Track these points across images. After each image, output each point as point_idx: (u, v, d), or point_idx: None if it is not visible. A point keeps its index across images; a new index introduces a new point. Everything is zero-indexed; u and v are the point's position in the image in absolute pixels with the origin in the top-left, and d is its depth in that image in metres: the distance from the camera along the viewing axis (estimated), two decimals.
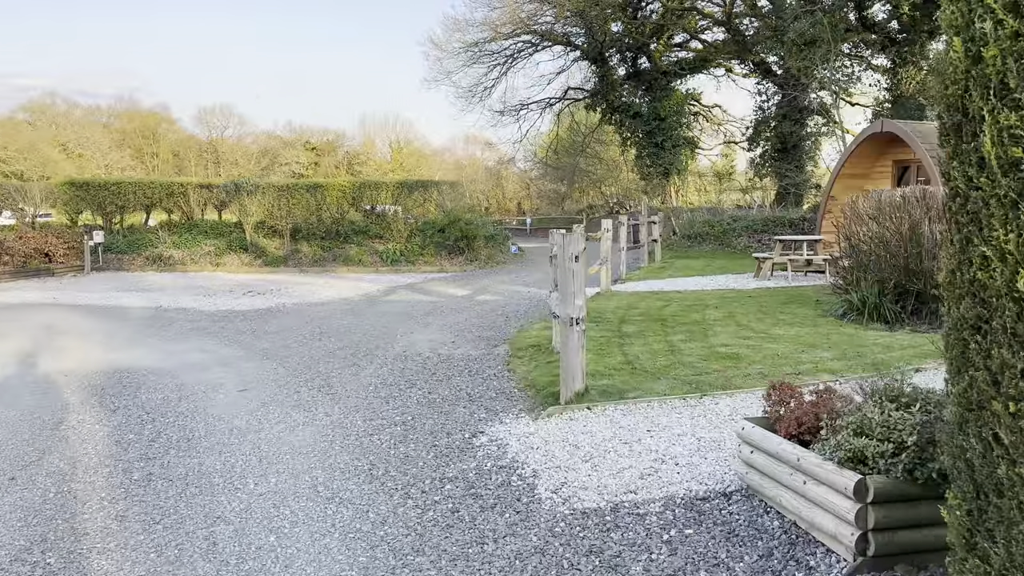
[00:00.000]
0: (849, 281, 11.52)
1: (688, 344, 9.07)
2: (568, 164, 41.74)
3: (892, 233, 10.76)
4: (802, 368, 7.65)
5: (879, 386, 4.05)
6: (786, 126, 31.17)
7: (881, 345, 8.80)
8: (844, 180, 18.19)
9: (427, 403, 7.09)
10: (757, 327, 10.28)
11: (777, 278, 15.95)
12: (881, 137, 17.46)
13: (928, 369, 7.65)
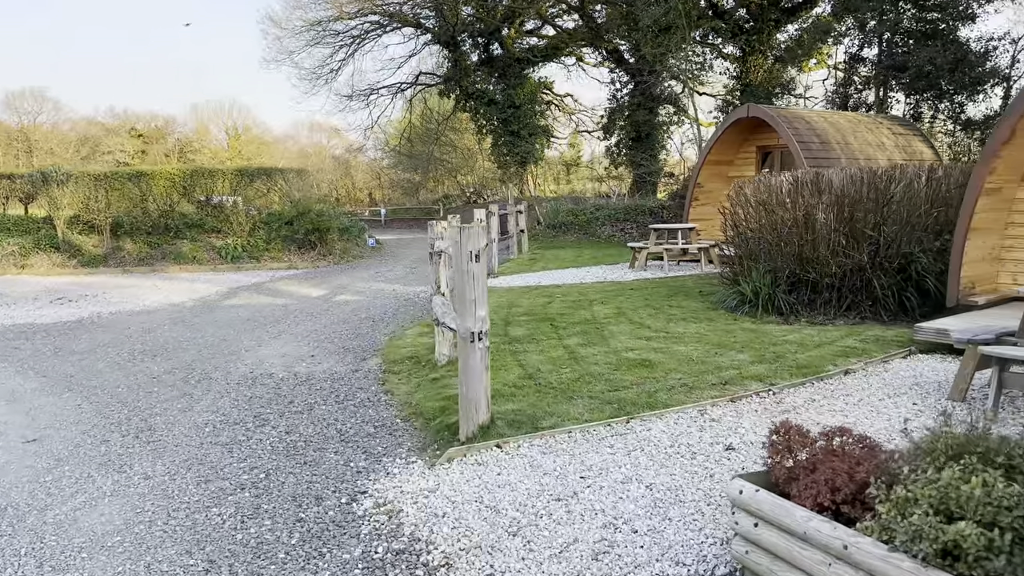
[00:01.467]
0: (739, 271, 10.84)
1: (589, 349, 7.92)
2: (422, 153, 40.10)
3: (784, 220, 10.13)
4: (726, 376, 6.67)
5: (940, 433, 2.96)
6: (640, 115, 31.08)
7: (793, 343, 8.03)
8: (709, 167, 17.85)
9: (285, 449, 5.49)
10: (653, 324, 9.32)
11: (652, 268, 15.27)
12: (745, 122, 17.21)
13: (857, 371, 6.89)
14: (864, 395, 6.11)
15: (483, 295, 5.20)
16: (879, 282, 9.65)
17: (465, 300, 5.17)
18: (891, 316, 9.53)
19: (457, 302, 5.24)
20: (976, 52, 20.53)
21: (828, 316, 9.72)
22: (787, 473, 3.17)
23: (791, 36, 27.58)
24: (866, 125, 18.02)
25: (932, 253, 9.78)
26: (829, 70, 28.68)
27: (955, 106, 22.04)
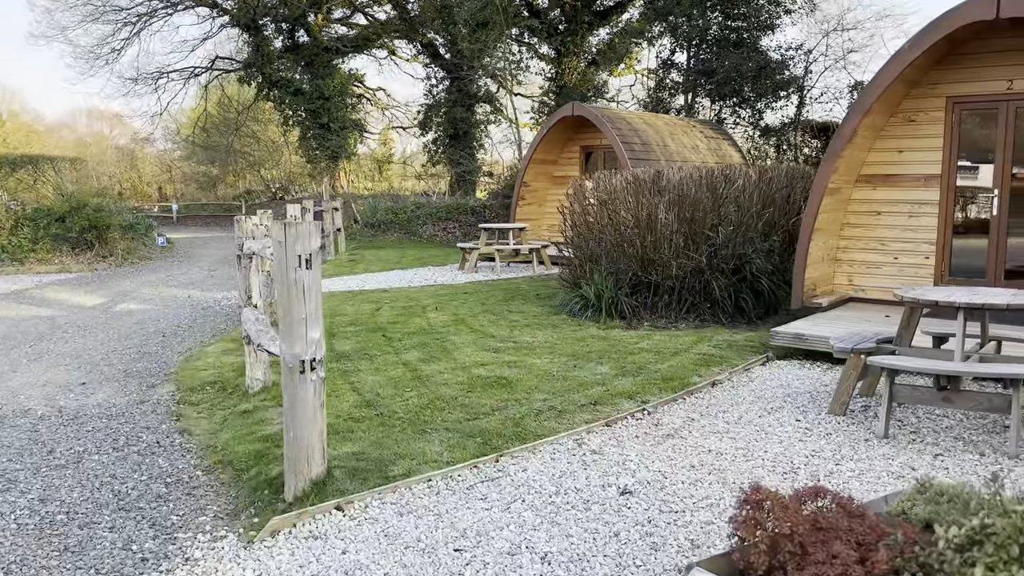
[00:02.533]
0: (580, 274, 10.26)
1: (433, 366, 6.89)
2: (220, 144, 36.97)
3: (626, 221, 9.65)
4: (594, 394, 5.90)
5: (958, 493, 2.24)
6: (458, 112, 30.40)
7: (648, 351, 7.46)
8: (535, 166, 17.38)
9: (38, 527, 4.00)
10: (497, 333, 8.46)
11: (483, 269, 14.47)
12: (570, 122, 16.89)
13: (723, 381, 6.37)
14: (741, 411, 5.56)
15: (317, 312, 4.02)
16: (717, 284, 9.41)
17: (292, 318, 3.97)
18: (729, 318, 9.32)
19: (282, 321, 4.02)
20: (775, 61, 21.67)
21: (670, 319, 9.35)
22: (766, 560, 2.33)
23: (603, 40, 28.05)
24: (681, 128, 18.34)
25: (763, 254, 9.72)
26: (637, 76, 29.50)
27: (755, 112, 23.20)
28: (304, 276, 3.98)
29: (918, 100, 8.37)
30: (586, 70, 27.76)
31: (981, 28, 7.50)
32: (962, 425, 5.13)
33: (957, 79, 8.14)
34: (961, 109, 8.15)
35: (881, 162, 8.64)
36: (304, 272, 3.98)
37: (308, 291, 3.99)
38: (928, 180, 8.38)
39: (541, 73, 29.07)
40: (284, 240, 3.95)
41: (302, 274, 3.97)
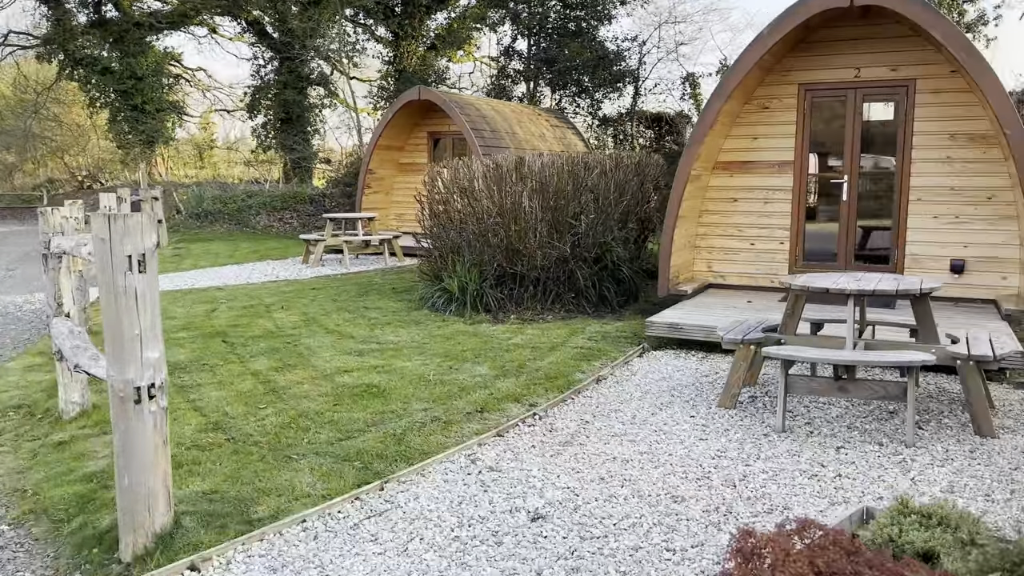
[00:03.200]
0: (442, 266, 9.70)
1: (289, 375, 6.11)
2: (16, 128, 32.99)
3: (489, 209, 9.20)
4: (477, 399, 5.39)
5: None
6: (289, 94, 28.73)
7: (524, 347, 7.06)
8: (381, 152, 16.59)
9: None
10: (356, 332, 7.76)
11: (330, 263, 13.55)
12: (416, 106, 16.24)
13: (607, 377, 6.07)
14: (632, 409, 5.25)
15: (155, 325, 3.23)
16: (581, 273, 9.19)
17: (123, 335, 3.16)
18: (593, 308, 9.13)
19: (110, 338, 3.20)
20: (612, 52, 22.01)
21: (536, 311, 9.02)
22: None
23: (441, 24, 27.44)
24: (528, 116, 18.17)
25: (621, 243, 9.64)
26: (476, 63, 29.20)
27: (594, 102, 23.51)
28: (137, 282, 3.18)
29: (772, 87, 8.48)
30: (426, 55, 27.05)
31: (835, 15, 7.65)
32: (850, 414, 5.08)
33: (809, 66, 8.30)
34: (812, 96, 8.33)
35: (737, 149, 8.71)
36: (137, 277, 3.18)
37: (143, 300, 3.20)
38: (782, 167, 8.53)
39: (379, 56, 28.08)
40: (109, 237, 3.12)
41: (134, 279, 3.17)
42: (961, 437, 4.56)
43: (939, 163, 7.83)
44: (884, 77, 7.99)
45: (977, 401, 4.53)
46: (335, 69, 30.04)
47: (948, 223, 7.85)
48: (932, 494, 3.73)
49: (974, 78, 6.74)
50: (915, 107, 7.87)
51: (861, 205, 8.28)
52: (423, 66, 26.79)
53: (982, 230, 7.71)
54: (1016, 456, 4.25)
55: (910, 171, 7.96)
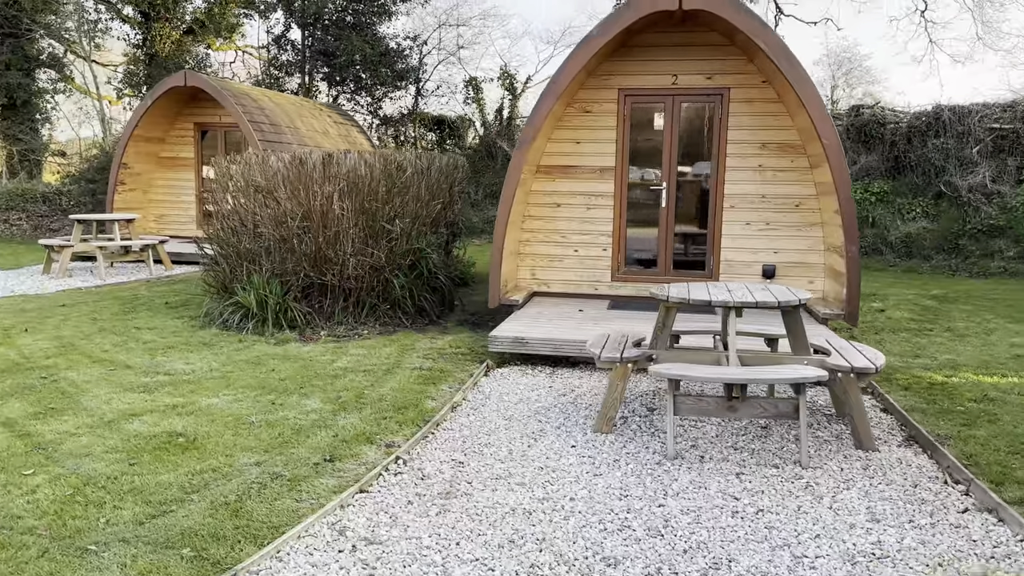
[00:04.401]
0: (233, 276, 8.43)
1: (56, 424, 4.74)
2: None
3: (292, 212, 8.13)
4: (320, 443, 4.48)
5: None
6: (13, 77, 24.69)
7: (355, 371, 6.19)
8: (137, 144, 14.52)
9: None
10: (135, 362, 6.40)
11: (81, 273, 11.48)
12: (181, 94, 14.41)
13: (460, 404, 5.42)
14: (504, 442, 4.63)
15: None
16: (397, 282, 8.45)
17: None
18: (411, 320, 8.43)
19: None
20: (394, 49, 21.26)
21: (349, 326, 8.13)
22: None
23: (199, 7, 25.01)
24: (309, 110, 16.92)
25: (435, 248, 9.06)
26: (238, 52, 27.04)
27: (375, 101, 22.61)
28: None
29: (593, 91, 8.27)
30: (182, 39, 24.50)
31: (657, 19, 7.57)
32: (727, 432, 4.85)
33: (628, 71, 8.19)
34: (632, 101, 8.24)
35: (560, 152, 8.41)
36: None
37: None
38: (603, 172, 8.36)
39: (125, 39, 25.00)
40: None
41: None
42: (846, 452, 4.46)
43: (751, 171, 8.05)
44: (700, 85, 8.07)
45: (859, 415, 4.46)
46: (68, 50, 26.36)
47: (759, 230, 8.10)
48: (883, 541, 3.50)
49: (794, 87, 6.92)
50: (729, 115, 8.03)
51: (679, 212, 8.32)
52: (178, 51, 24.26)
53: (790, 236, 8.04)
54: (905, 469, 4.20)
55: (724, 179, 8.11)
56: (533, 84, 22.53)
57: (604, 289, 8.44)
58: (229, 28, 24.12)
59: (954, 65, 36.51)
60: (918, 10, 19.94)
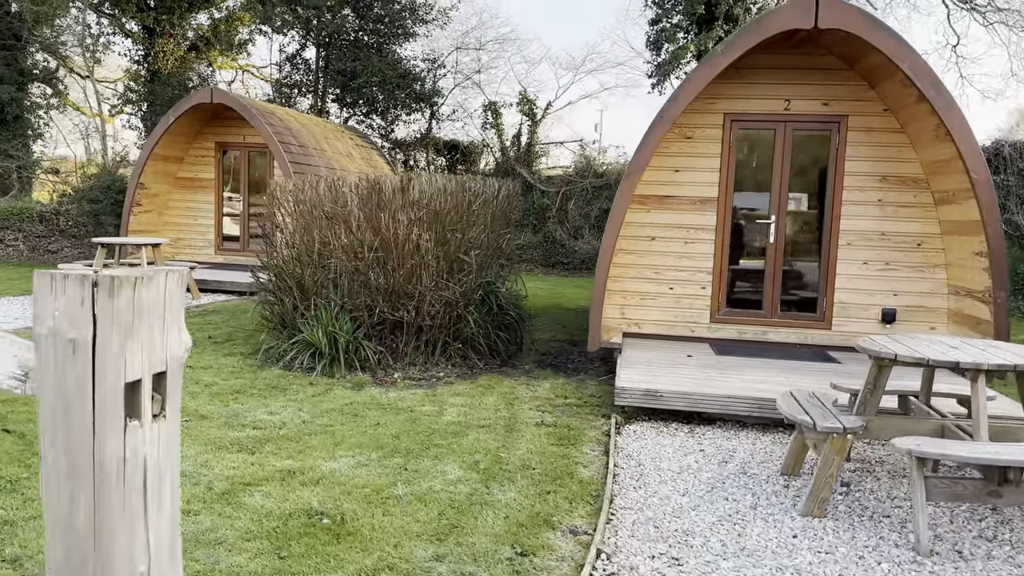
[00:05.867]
0: (295, 310, 7.61)
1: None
2: None
3: (368, 241, 7.36)
4: (497, 528, 3.68)
5: None
6: (5, 91, 23.68)
7: (469, 426, 5.40)
8: (156, 163, 13.65)
9: None
10: (209, 410, 5.56)
11: None
12: (203, 112, 13.60)
13: (620, 474, 4.65)
14: (704, 529, 3.87)
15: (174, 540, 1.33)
16: (471, 318, 7.72)
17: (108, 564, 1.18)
18: (484, 360, 7.70)
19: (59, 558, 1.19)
20: (413, 72, 20.64)
21: (422, 367, 7.36)
22: None
23: (203, 24, 24.24)
24: (332, 132, 16.18)
25: (503, 281, 8.42)
26: (238, 71, 26.30)
27: (388, 124, 21.94)
28: (146, 442, 1.23)
29: (696, 115, 7.63)
30: (186, 56, 23.70)
31: (774, 40, 6.96)
32: (962, 517, 4.13)
33: (736, 94, 7.57)
34: (739, 127, 7.61)
35: (656, 181, 7.74)
36: (148, 431, 1.22)
37: (156, 485, 1.25)
38: (704, 203, 7.69)
39: (127, 54, 24.14)
40: (87, 336, 1.16)
41: (141, 442, 1.22)
42: None
43: (870, 206, 7.44)
44: (814, 111, 7.47)
45: None
46: (61, 65, 25.47)
47: (878, 270, 7.46)
48: None
49: (941, 116, 6.32)
50: (847, 145, 7.42)
51: (788, 248, 7.67)
52: (181, 68, 23.47)
53: (911, 278, 7.41)
54: None
55: (840, 213, 7.49)
56: (553, 110, 22.01)
57: (702, 331, 7.74)
58: (238, 45, 23.35)
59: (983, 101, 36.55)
60: (949, 44, 19.75)
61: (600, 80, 47.72)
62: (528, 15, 39.55)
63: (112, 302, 1.19)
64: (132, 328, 1.21)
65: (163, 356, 1.28)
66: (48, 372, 1.20)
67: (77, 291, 1.18)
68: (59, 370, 1.19)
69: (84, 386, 1.19)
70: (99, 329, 1.19)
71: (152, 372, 1.26)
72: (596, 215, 18.98)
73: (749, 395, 5.49)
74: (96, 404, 1.19)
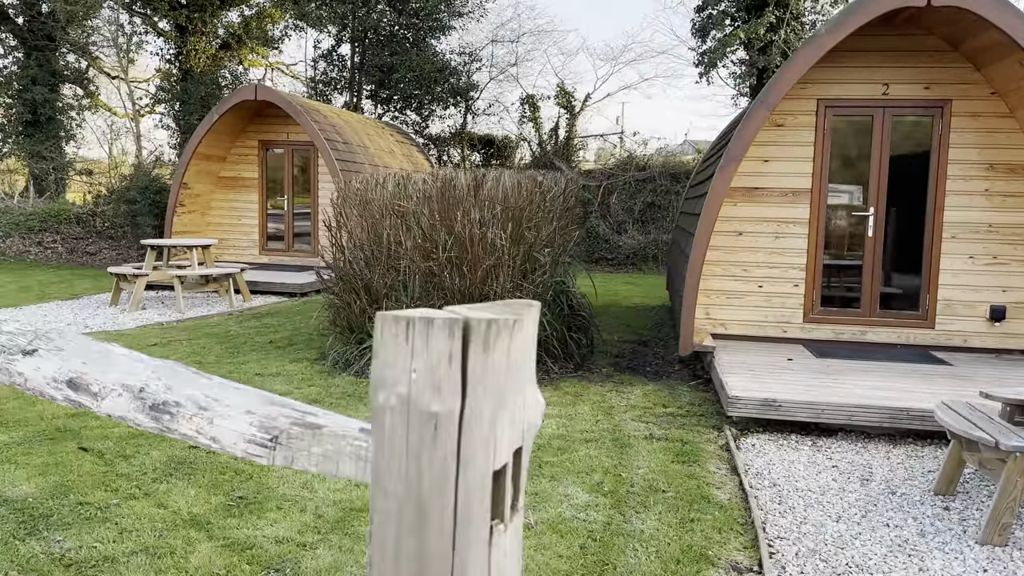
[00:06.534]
0: (365, 314, 7.25)
1: (264, 524, 3.53)
2: None
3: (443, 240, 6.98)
4: (658, 569, 3.27)
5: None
6: (39, 92, 23.58)
7: (574, 440, 5.00)
8: (198, 163, 13.36)
9: None
10: None
11: (152, 304, 10.27)
12: (246, 109, 13.30)
13: (760, 496, 4.22)
14: (880, 564, 3.44)
15: None
16: (546, 319, 7.34)
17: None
18: (558, 364, 7.31)
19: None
20: (451, 66, 20.25)
21: None
22: None
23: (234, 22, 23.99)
24: (373, 128, 15.83)
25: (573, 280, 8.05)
26: (268, 69, 26.08)
27: (423, 119, 21.58)
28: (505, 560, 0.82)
29: (787, 101, 7.16)
30: (217, 54, 23.48)
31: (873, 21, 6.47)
32: None
33: (830, 78, 7.09)
34: (833, 114, 7.13)
35: (744, 172, 7.29)
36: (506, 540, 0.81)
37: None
38: (796, 195, 7.23)
39: (159, 53, 23.95)
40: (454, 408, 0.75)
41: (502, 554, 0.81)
42: None
43: (976, 196, 6.94)
44: (915, 96, 6.97)
45: None
46: (91, 66, 25.39)
47: (985, 264, 6.96)
48: None
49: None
50: (950, 131, 6.93)
51: (887, 242, 7.19)
52: (214, 66, 23.25)
53: (1021, 273, 6.91)
54: None
55: (943, 205, 6.99)
56: (592, 102, 21.54)
57: (794, 332, 7.28)
58: (271, 41, 23.07)
59: None
60: None
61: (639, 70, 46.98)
62: (565, 5, 39.00)
63: (487, 357, 0.80)
64: (503, 392, 0.81)
65: (522, 427, 0.88)
66: (396, 458, 0.80)
67: (443, 343, 0.78)
68: (412, 456, 0.79)
69: (445, 478, 0.80)
70: (468, 397, 0.80)
71: (512, 450, 0.86)
72: (640, 209, 18.52)
73: (879, 404, 5.04)
74: (458, 503, 0.79)
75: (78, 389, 1.43)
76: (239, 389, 1.25)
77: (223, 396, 1.23)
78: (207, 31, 23.13)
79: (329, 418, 1.14)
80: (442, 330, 0.79)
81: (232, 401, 1.22)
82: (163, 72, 23.73)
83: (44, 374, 1.50)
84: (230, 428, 1.19)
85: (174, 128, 22.91)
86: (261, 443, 1.15)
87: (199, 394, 1.25)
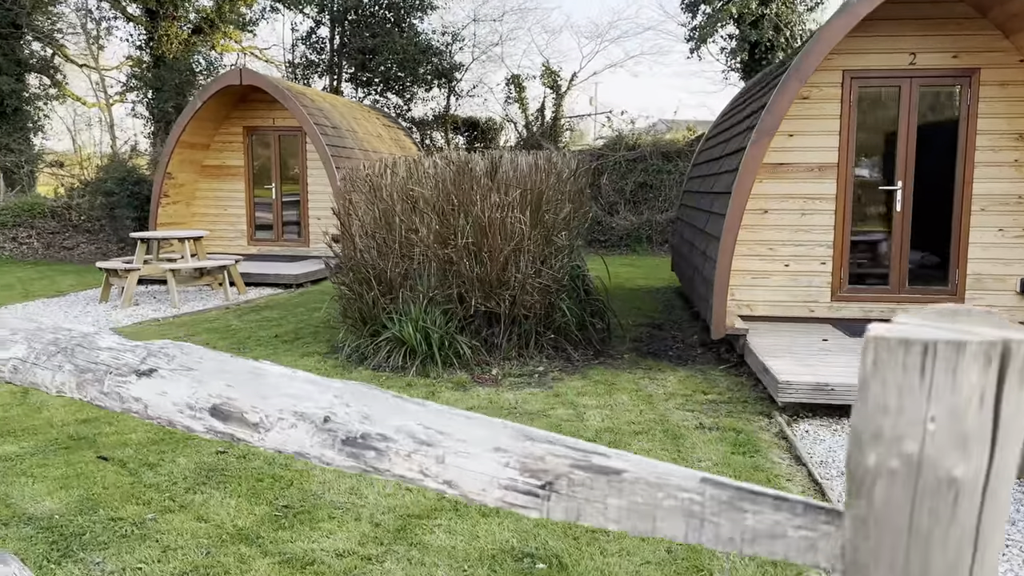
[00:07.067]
0: (375, 305, 6.94)
1: (319, 536, 3.26)
2: None
3: (460, 227, 6.68)
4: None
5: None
6: (5, 82, 22.76)
7: (618, 432, 4.77)
8: (182, 151, 12.89)
9: None
10: None
11: (144, 300, 9.86)
12: (231, 94, 12.84)
13: (836, 493, 4.03)
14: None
15: None
16: (564, 305, 7.11)
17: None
18: (579, 351, 7.09)
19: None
20: (435, 47, 19.82)
21: (520, 361, 6.73)
22: None
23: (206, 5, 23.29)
24: (360, 113, 15.41)
25: (585, 263, 7.84)
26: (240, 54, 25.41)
27: (405, 102, 21.15)
28: None
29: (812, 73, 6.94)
30: (190, 39, 22.79)
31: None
32: None
33: (855, 48, 6.88)
34: (859, 85, 6.92)
35: (769, 148, 7.05)
36: None
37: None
38: (822, 170, 7.03)
39: (128, 39, 23.23)
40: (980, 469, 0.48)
41: None
42: None
43: (1006, 167, 6.78)
44: (943, 65, 6.78)
45: None
46: (57, 53, 24.56)
47: (1015, 237, 6.82)
48: None
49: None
50: (979, 101, 6.75)
51: (915, 216, 7.01)
52: (186, 52, 22.57)
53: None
54: None
55: (972, 177, 6.83)
56: (579, 81, 21.24)
57: (822, 311, 7.11)
58: (247, 24, 22.43)
59: None
60: None
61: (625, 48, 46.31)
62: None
63: (1021, 394, 0.53)
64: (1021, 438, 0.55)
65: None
66: (886, 541, 0.54)
67: (976, 377, 0.52)
68: (917, 539, 0.53)
69: (956, 569, 0.54)
70: (997, 452, 0.53)
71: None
72: (631, 189, 18.30)
73: None
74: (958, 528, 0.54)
75: (227, 419, 1.14)
76: (472, 419, 0.97)
77: (451, 428, 0.96)
78: (179, 15, 22.44)
79: (626, 460, 0.87)
80: (976, 359, 0.53)
81: (467, 434, 0.95)
82: (134, 59, 23.02)
83: (173, 400, 1.21)
84: (473, 470, 0.92)
85: (147, 117, 22.26)
86: (527, 491, 0.88)
87: (413, 424, 0.98)
